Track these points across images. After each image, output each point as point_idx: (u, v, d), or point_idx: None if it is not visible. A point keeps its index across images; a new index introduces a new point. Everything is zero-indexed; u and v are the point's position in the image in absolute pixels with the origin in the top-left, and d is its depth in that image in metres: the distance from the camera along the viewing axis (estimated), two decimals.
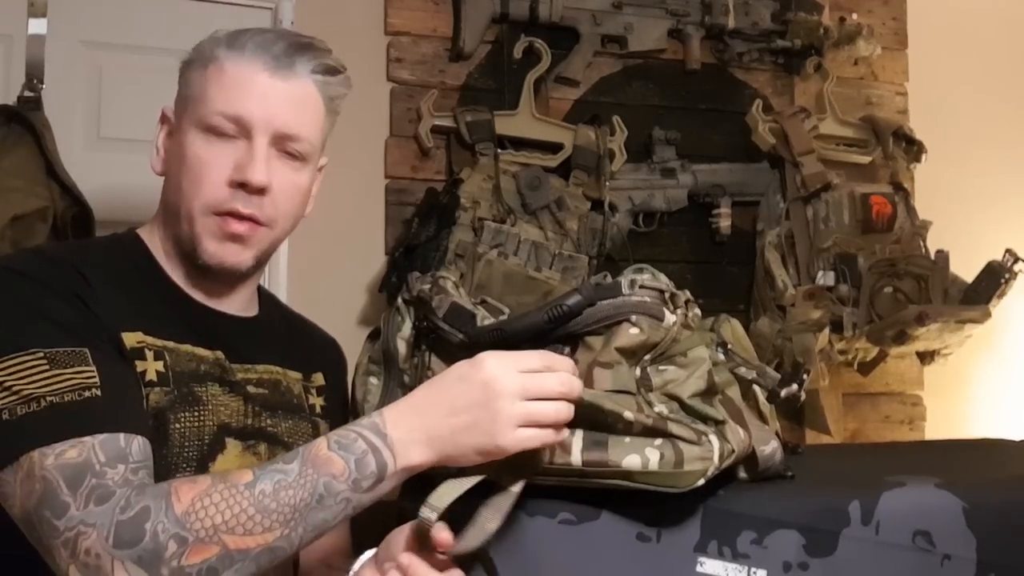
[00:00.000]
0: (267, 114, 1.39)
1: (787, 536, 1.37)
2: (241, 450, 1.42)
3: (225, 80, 1.39)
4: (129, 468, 1.18)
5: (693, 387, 1.37)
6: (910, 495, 1.44)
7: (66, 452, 1.16)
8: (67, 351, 1.22)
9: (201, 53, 1.43)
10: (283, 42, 1.41)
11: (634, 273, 1.38)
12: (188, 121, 1.41)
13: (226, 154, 1.39)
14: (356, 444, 1.21)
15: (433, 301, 1.45)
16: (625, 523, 1.35)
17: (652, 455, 1.28)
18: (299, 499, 1.17)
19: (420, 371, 1.46)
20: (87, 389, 1.20)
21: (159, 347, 1.35)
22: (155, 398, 1.32)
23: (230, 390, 1.43)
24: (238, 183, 1.38)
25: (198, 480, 1.18)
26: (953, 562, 1.41)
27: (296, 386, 1.57)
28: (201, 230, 1.40)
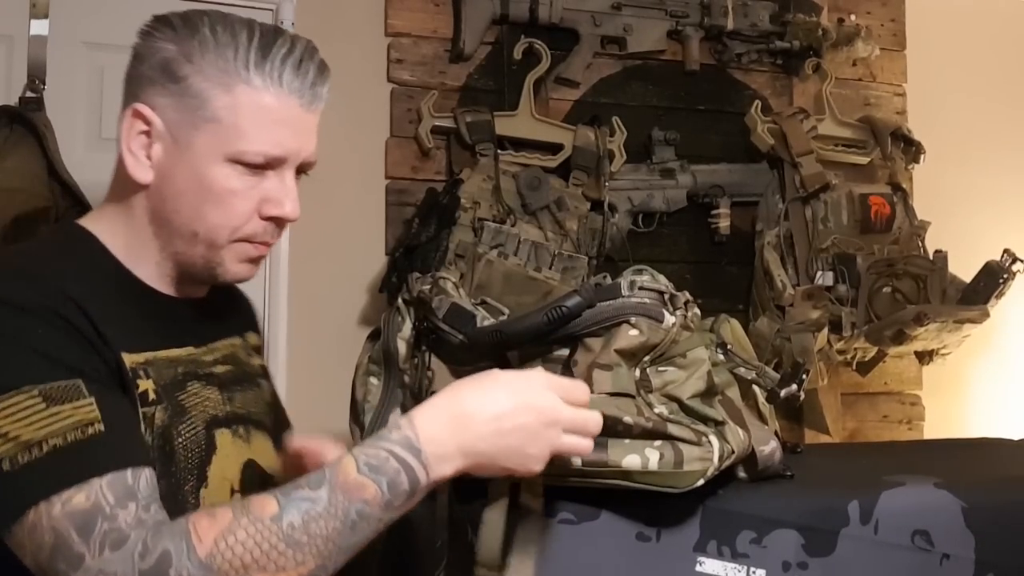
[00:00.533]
0: (299, 148, 1.33)
1: (786, 536, 1.38)
2: (231, 438, 1.40)
3: (263, 114, 1.29)
4: (140, 506, 1.12)
5: (693, 388, 1.38)
6: (909, 495, 1.45)
7: (73, 498, 1.09)
8: (62, 385, 1.14)
9: (217, 66, 1.28)
10: (311, 69, 1.32)
11: (633, 274, 1.39)
12: (211, 148, 1.29)
13: (257, 186, 1.31)
14: (388, 464, 1.15)
15: (433, 302, 1.46)
16: (625, 523, 1.36)
17: (652, 455, 1.29)
18: (331, 529, 1.12)
19: (420, 371, 1.46)
20: (90, 425, 1.13)
21: (144, 364, 1.29)
22: (160, 416, 1.28)
23: (207, 382, 1.39)
24: (274, 217, 1.33)
25: (217, 515, 1.12)
26: (952, 561, 1.41)
27: (242, 352, 1.52)
28: (226, 255, 1.33)
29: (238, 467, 1.40)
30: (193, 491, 1.31)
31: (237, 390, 1.45)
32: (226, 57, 1.28)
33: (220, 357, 1.44)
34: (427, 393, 1.43)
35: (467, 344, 1.42)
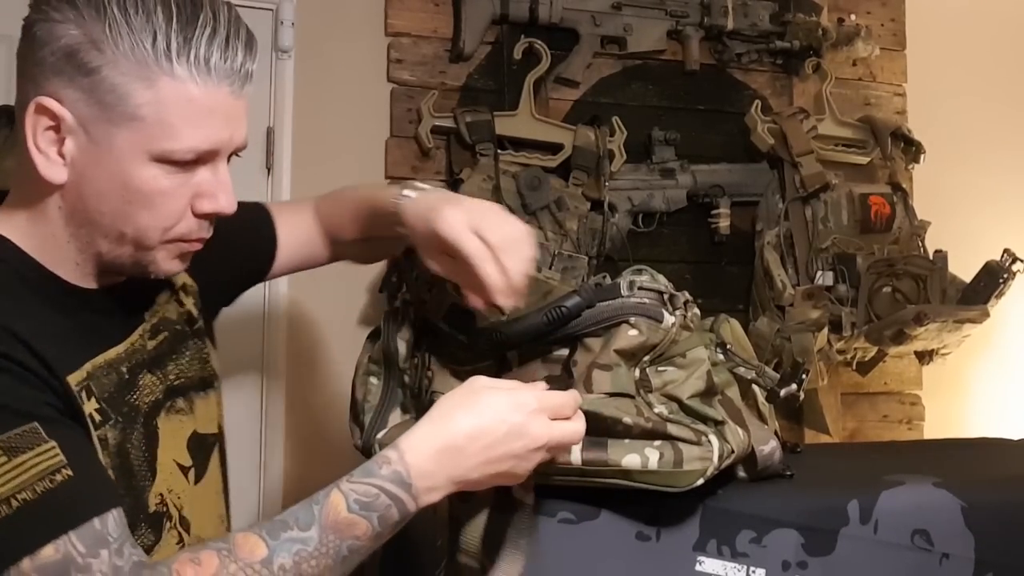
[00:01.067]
0: (231, 136, 1.24)
1: (786, 535, 1.38)
2: (169, 419, 1.35)
3: (192, 109, 1.18)
4: (112, 551, 1.09)
5: (692, 388, 1.38)
6: (909, 494, 1.45)
7: (42, 551, 1.06)
8: (19, 432, 1.09)
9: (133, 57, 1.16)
10: (239, 47, 1.20)
11: (633, 274, 1.39)
12: (132, 146, 1.18)
13: (187, 182, 1.23)
14: (378, 500, 1.15)
15: (433, 302, 1.46)
16: (625, 522, 1.36)
17: (652, 455, 1.29)
18: (322, 567, 1.12)
19: (420, 371, 1.46)
20: (57, 472, 1.09)
21: (85, 381, 1.22)
22: (112, 436, 1.24)
23: (148, 368, 1.34)
24: (207, 213, 1.26)
25: (202, 560, 1.09)
26: (952, 561, 1.41)
27: (170, 309, 1.44)
28: (157, 255, 1.26)
29: (183, 444, 1.37)
30: (145, 491, 1.29)
31: (171, 360, 1.40)
32: (143, 45, 1.15)
33: (150, 329, 1.38)
34: (427, 393, 1.43)
35: (467, 344, 1.42)
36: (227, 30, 1.19)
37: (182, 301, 1.46)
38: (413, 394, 1.49)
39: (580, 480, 1.32)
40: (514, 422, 1.19)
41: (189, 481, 1.36)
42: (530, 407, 1.20)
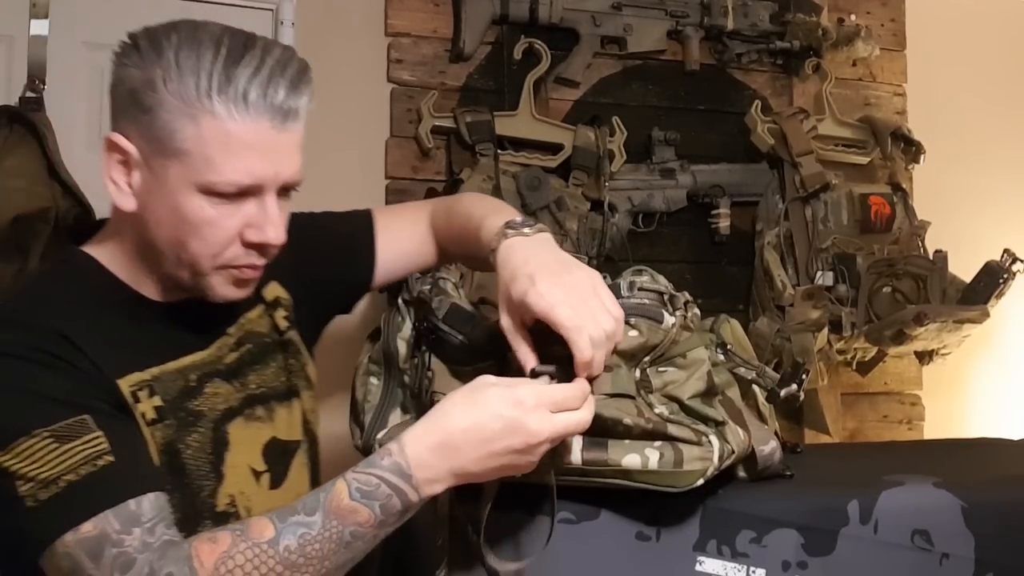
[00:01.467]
0: (276, 170, 1.30)
1: (786, 535, 1.39)
2: (245, 425, 1.43)
3: (230, 144, 1.26)
4: (144, 529, 1.18)
5: (693, 388, 1.38)
6: (909, 494, 1.45)
7: (82, 527, 1.17)
8: (70, 423, 1.21)
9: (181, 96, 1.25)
10: (282, 87, 1.27)
11: (633, 275, 1.39)
12: (182, 180, 1.28)
13: (235, 214, 1.30)
14: (379, 490, 1.20)
15: (433, 302, 1.46)
16: (625, 522, 1.36)
17: (652, 455, 1.29)
18: (326, 550, 1.18)
19: (420, 371, 1.46)
20: (100, 457, 1.19)
21: (149, 382, 1.33)
22: (162, 434, 1.32)
23: (223, 378, 1.42)
24: (256, 244, 1.32)
25: (218, 539, 1.18)
26: (952, 561, 1.42)
27: (261, 323, 1.52)
28: (212, 280, 1.34)
29: (259, 450, 1.44)
30: (212, 493, 1.36)
31: (253, 371, 1.47)
32: (188, 85, 1.25)
33: (233, 343, 1.46)
34: (427, 393, 1.43)
35: (467, 344, 1.42)
36: (272, 69, 1.26)
37: (273, 315, 1.53)
38: (413, 394, 1.49)
39: (580, 480, 1.33)
40: (510, 417, 1.20)
41: (261, 485, 1.43)
42: (528, 403, 1.20)
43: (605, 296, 1.29)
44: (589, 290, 1.28)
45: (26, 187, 2.19)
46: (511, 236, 1.37)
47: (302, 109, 1.31)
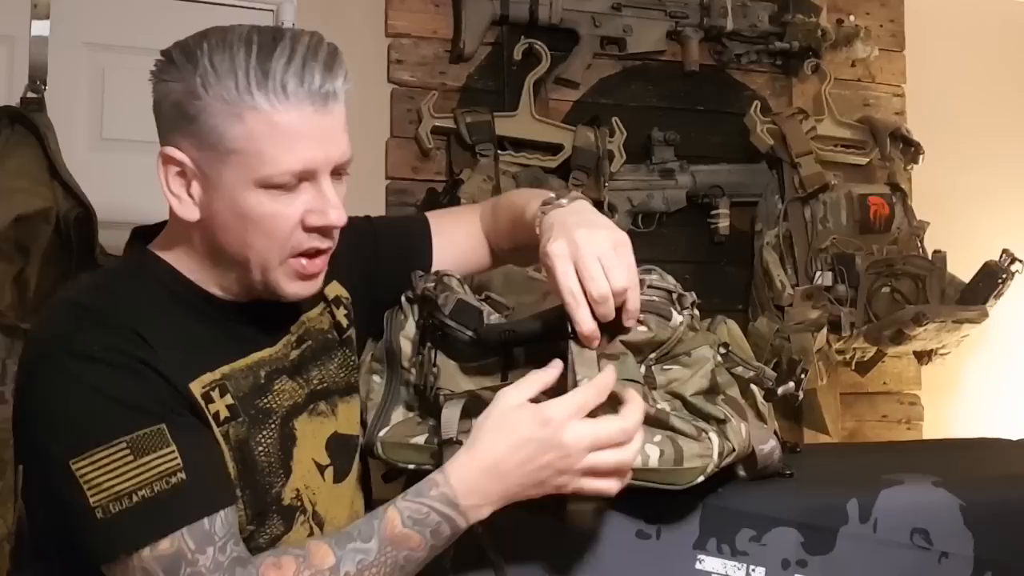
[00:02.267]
0: (327, 153, 1.31)
1: (786, 534, 1.39)
2: (309, 421, 1.45)
3: (279, 134, 1.28)
4: (217, 548, 1.22)
5: (696, 386, 1.39)
6: (908, 493, 1.45)
7: (160, 544, 1.21)
8: (147, 432, 1.23)
9: (223, 98, 1.27)
10: (317, 71, 1.28)
11: (642, 274, 1.39)
12: (239, 179, 1.29)
13: (295, 202, 1.31)
14: (429, 518, 1.25)
15: (439, 299, 1.46)
16: (625, 520, 1.37)
17: (652, 452, 1.30)
18: (383, 574, 1.24)
19: (426, 368, 1.47)
20: (172, 475, 1.22)
21: (220, 381, 1.35)
22: (234, 432, 1.34)
23: (288, 375, 1.44)
24: (318, 227, 1.33)
25: (282, 564, 1.23)
26: (951, 559, 1.42)
27: (322, 321, 1.54)
28: (279, 276, 1.35)
29: (322, 444, 1.47)
30: (281, 487, 1.39)
31: (315, 366, 1.49)
32: (228, 86, 1.26)
33: (295, 341, 1.48)
34: (432, 390, 1.43)
35: (474, 340, 1.42)
36: (304, 56, 1.28)
37: (334, 313, 1.54)
38: (417, 391, 1.50)
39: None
40: (543, 438, 1.24)
41: (325, 479, 1.46)
42: (556, 419, 1.24)
43: (625, 256, 1.32)
44: (606, 248, 1.31)
45: (27, 187, 2.19)
46: (549, 211, 1.42)
47: (339, 90, 1.31)
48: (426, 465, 1.41)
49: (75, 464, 1.21)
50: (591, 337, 1.29)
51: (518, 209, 1.56)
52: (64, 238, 2.23)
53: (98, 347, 1.26)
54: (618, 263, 1.30)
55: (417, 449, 1.43)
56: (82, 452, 1.21)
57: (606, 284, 1.29)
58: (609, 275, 1.29)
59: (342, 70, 1.32)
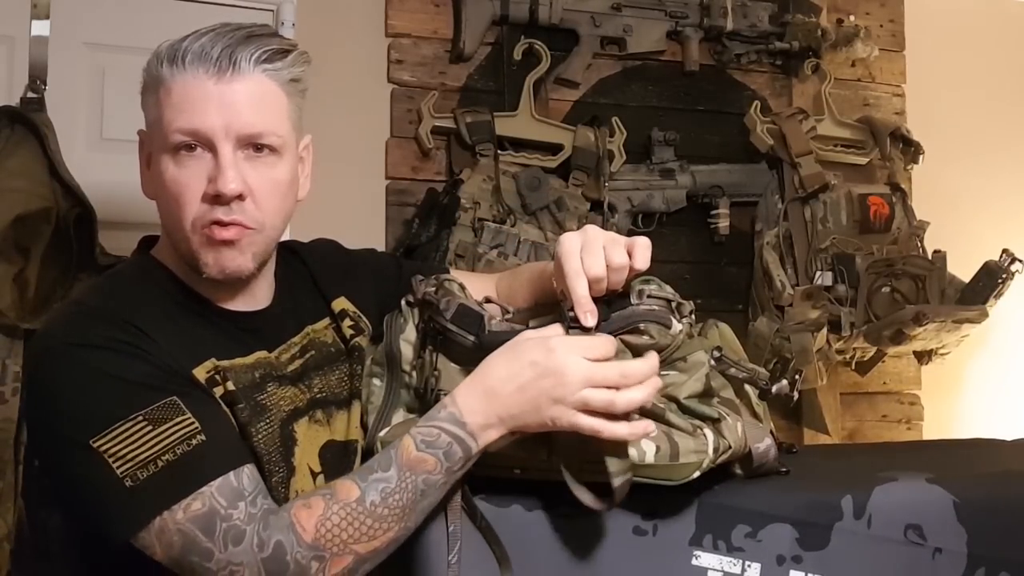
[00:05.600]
0: (224, 121, 1.36)
1: (781, 530, 1.39)
2: (308, 427, 1.49)
3: (174, 99, 1.36)
4: (247, 502, 1.28)
5: (690, 389, 1.39)
6: (902, 490, 1.46)
7: (191, 505, 1.25)
8: (160, 405, 1.28)
9: (150, 76, 1.40)
10: (221, 43, 1.36)
11: (641, 283, 1.40)
12: (156, 148, 1.40)
13: (197, 170, 1.37)
14: (440, 439, 1.30)
15: (440, 303, 1.47)
16: (621, 516, 1.37)
17: (648, 448, 1.30)
18: (407, 499, 1.29)
19: (427, 372, 1.47)
20: (193, 437, 1.28)
21: (222, 368, 1.39)
22: (238, 416, 1.38)
23: (282, 383, 1.48)
24: (212, 196, 1.37)
25: (311, 503, 1.28)
26: (944, 555, 1.42)
27: (327, 334, 1.59)
28: (196, 246, 1.39)
29: (316, 451, 1.50)
30: (283, 482, 1.43)
31: (317, 376, 1.54)
32: (152, 65, 1.39)
33: (298, 351, 1.54)
34: (432, 392, 1.44)
35: (476, 345, 1.43)
36: (219, 32, 1.38)
37: (339, 326, 1.61)
38: (418, 394, 1.50)
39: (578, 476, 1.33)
40: (542, 362, 1.28)
41: (316, 486, 1.47)
42: (559, 349, 1.29)
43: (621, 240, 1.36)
44: (613, 236, 1.36)
45: (27, 187, 2.20)
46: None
47: (244, 63, 1.37)
48: None
49: (96, 442, 1.26)
50: (585, 308, 1.32)
51: (541, 264, 1.68)
52: (64, 238, 2.23)
53: (98, 337, 1.32)
54: (620, 248, 1.34)
55: None
56: (103, 431, 1.26)
57: (603, 265, 1.32)
58: (609, 254, 1.33)
59: (255, 49, 1.38)
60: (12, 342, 2.16)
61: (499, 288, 1.72)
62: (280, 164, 1.43)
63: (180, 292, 1.44)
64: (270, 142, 1.41)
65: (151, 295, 1.42)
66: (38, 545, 1.41)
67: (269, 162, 1.42)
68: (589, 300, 1.32)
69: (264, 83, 1.40)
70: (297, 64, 1.45)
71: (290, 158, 1.46)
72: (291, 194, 1.49)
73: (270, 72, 1.40)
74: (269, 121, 1.41)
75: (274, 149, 1.42)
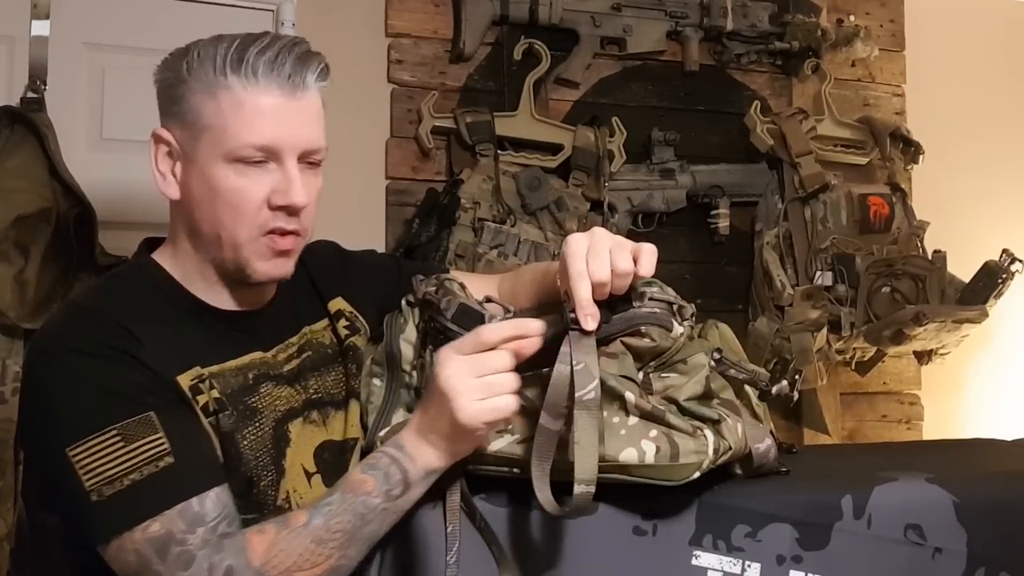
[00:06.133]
0: (292, 137, 1.40)
1: (781, 530, 1.39)
2: (303, 427, 1.50)
3: (246, 112, 1.38)
4: (208, 527, 1.28)
5: (690, 391, 1.39)
6: (901, 489, 1.46)
7: (150, 527, 1.26)
8: (136, 420, 1.29)
9: (207, 82, 1.39)
10: (289, 58, 1.40)
11: (643, 287, 1.40)
12: (210, 154, 1.40)
13: (261, 180, 1.40)
14: (381, 461, 1.32)
15: (440, 303, 1.47)
16: (622, 516, 1.37)
17: (648, 448, 1.30)
18: (347, 523, 1.29)
19: (427, 371, 1.47)
20: (161, 458, 1.28)
21: (207, 376, 1.40)
22: (225, 423, 1.39)
23: (278, 382, 1.49)
24: (281, 207, 1.40)
25: (265, 530, 1.29)
26: (944, 555, 1.42)
27: (325, 334, 1.61)
28: (250, 253, 1.42)
29: (311, 452, 1.51)
30: (273, 484, 1.44)
31: (313, 376, 1.55)
32: (207, 69, 1.39)
33: (295, 351, 1.55)
34: None
35: None
36: (279, 49, 1.40)
37: (335, 326, 1.62)
38: (418, 394, 1.50)
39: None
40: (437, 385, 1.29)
41: (312, 486, 1.49)
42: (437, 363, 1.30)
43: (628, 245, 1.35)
44: (620, 240, 1.35)
45: (27, 187, 2.20)
46: None
47: (310, 82, 1.41)
48: None
49: (71, 451, 1.28)
50: (587, 311, 1.30)
51: (544, 264, 1.69)
52: (64, 238, 2.23)
53: (89, 342, 1.34)
54: (627, 253, 1.34)
55: None
56: (77, 440, 1.28)
57: (607, 270, 1.31)
58: (615, 259, 1.32)
59: (316, 65, 1.42)
60: (12, 342, 2.16)
61: (502, 288, 1.72)
62: (320, 175, 1.49)
63: (178, 294, 1.46)
64: (320, 156, 1.46)
65: (148, 298, 1.44)
66: (38, 545, 1.42)
67: (316, 173, 1.47)
68: (592, 303, 1.31)
69: (317, 99, 1.45)
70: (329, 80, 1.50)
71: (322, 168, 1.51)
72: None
73: (322, 88, 1.45)
74: (322, 136, 1.46)
75: (320, 162, 1.47)
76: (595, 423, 1.28)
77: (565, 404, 1.29)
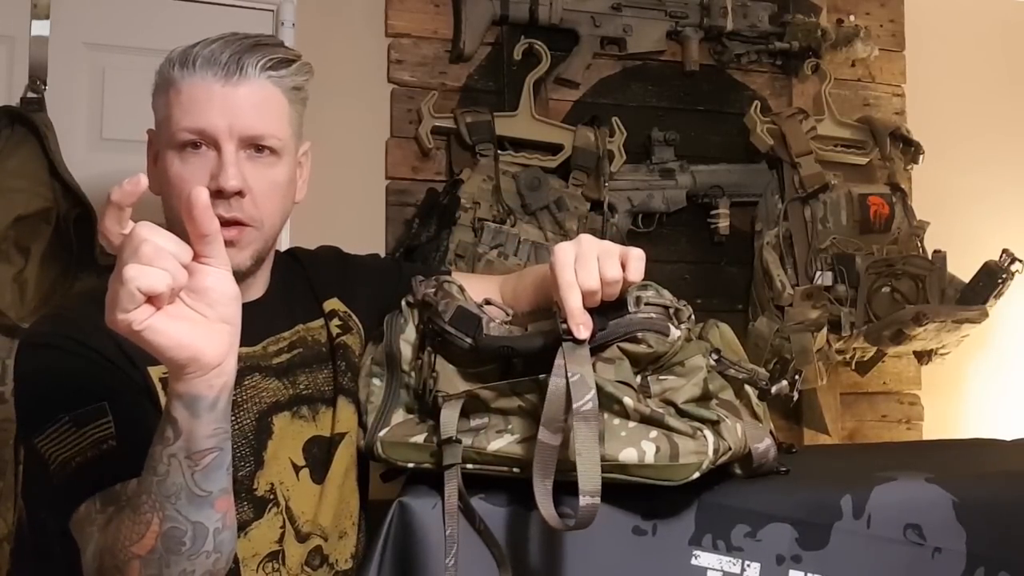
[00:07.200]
0: (228, 121, 1.44)
1: (780, 529, 1.39)
2: (290, 419, 1.53)
3: (183, 99, 1.44)
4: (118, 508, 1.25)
5: (688, 393, 1.39)
6: (901, 489, 1.46)
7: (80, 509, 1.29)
8: (88, 409, 1.33)
9: (162, 78, 1.48)
10: (230, 49, 1.45)
11: (639, 291, 1.41)
12: (163, 145, 1.47)
13: (200, 167, 1.44)
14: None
15: (439, 305, 1.47)
16: (621, 516, 1.37)
17: (648, 448, 1.30)
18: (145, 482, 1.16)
19: (425, 372, 1.47)
20: (105, 442, 1.31)
21: None
22: None
23: (265, 374, 1.52)
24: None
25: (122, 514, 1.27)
26: (944, 555, 1.42)
27: (320, 333, 1.63)
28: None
29: (300, 446, 1.53)
30: (249, 476, 1.46)
31: (304, 373, 1.58)
32: (164, 68, 1.48)
33: (286, 346, 1.58)
34: (431, 393, 1.44)
35: (473, 348, 1.43)
36: (228, 40, 1.46)
37: (330, 327, 1.65)
38: (417, 395, 1.50)
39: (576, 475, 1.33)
40: None
41: (300, 479, 1.52)
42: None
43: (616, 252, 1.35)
44: (608, 247, 1.35)
45: (27, 187, 2.20)
46: None
47: (250, 69, 1.45)
48: (425, 463, 1.43)
49: (37, 441, 1.34)
50: (578, 320, 1.30)
51: (545, 268, 1.64)
52: (64, 238, 2.24)
53: (55, 337, 1.40)
54: (615, 260, 1.33)
55: (416, 448, 1.44)
56: (39, 430, 1.33)
57: (596, 278, 1.31)
58: (603, 267, 1.32)
59: (263, 56, 1.47)
60: (12, 342, 2.16)
61: (504, 290, 1.74)
62: (279, 165, 1.50)
63: None
64: (270, 144, 1.48)
65: None
66: (38, 545, 1.44)
67: (268, 162, 1.48)
68: (583, 313, 1.31)
69: (267, 88, 1.48)
70: (300, 73, 1.53)
71: (289, 161, 1.53)
72: (288, 195, 1.56)
73: (274, 79, 1.48)
74: (270, 124, 1.48)
75: (274, 151, 1.48)
76: (595, 433, 1.28)
77: (563, 418, 1.29)
